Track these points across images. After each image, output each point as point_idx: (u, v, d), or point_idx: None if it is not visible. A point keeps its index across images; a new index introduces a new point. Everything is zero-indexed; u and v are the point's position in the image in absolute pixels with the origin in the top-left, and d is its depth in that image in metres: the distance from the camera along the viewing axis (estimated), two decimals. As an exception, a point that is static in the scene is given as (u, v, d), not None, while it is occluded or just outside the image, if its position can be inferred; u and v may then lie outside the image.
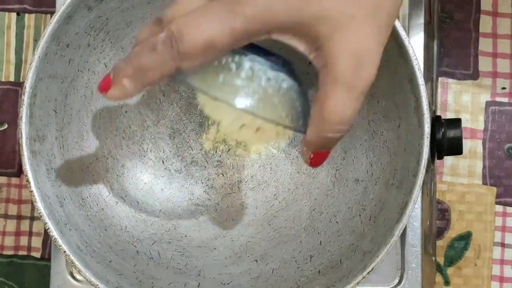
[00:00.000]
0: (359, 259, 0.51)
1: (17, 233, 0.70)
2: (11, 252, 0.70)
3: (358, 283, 0.49)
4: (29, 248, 0.70)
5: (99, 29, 0.54)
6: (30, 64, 0.49)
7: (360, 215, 0.55)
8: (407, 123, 0.51)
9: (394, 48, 0.51)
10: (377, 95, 0.55)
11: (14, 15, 0.71)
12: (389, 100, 0.54)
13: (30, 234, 0.70)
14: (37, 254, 0.70)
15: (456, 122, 0.58)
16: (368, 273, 0.49)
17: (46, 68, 0.51)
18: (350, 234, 0.54)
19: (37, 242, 0.70)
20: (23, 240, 0.70)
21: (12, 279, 0.70)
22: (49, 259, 0.61)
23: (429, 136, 0.49)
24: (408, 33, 0.57)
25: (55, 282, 0.60)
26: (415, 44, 0.57)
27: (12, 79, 0.71)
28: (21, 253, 0.70)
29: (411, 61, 0.50)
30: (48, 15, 0.71)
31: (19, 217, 0.70)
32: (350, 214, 0.56)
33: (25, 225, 0.70)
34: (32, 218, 0.70)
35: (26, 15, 0.71)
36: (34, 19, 0.71)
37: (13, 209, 0.70)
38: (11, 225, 0.70)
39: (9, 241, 0.70)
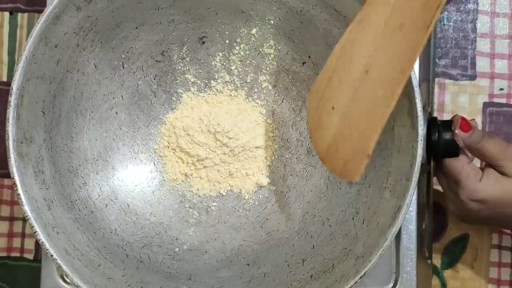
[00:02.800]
0: (351, 263, 0.50)
1: (10, 235, 0.70)
2: (3, 254, 0.70)
3: (350, 288, 0.48)
4: (22, 249, 0.70)
5: (88, 29, 0.53)
6: (17, 65, 0.49)
7: (353, 218, 0.54)
8: (401, 125, 0.51)
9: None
10: (371, 96, 0.54)
11: (7, 14, 0.71)
12: (383, 101, 0.53)
13: (23, 235, 0.70)
14: (30, 256, 0.70)
15: (451, 124, 0.58)
16: (361, 277, 0.48)
17: (33, 69, 0.50)
18: (343, 238, 0.53)
19: (30, 243, 0.70)
20: (16, 242, 0.70)
21: (5, 281, 0.70)
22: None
23: (423, 138, 0.49)
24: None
25: (45, 285, 0.59)
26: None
27: (4, 79, 0.70)
28: (13, 254, 0.70)
29: (404, 62, 0.49)
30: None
31: (11, 219, 0.70)
32: (343, 218, 0.55)
33: (18, 227, 0.70)
34: (25, 220, 0.69)
35: (19, 14, 0.70)
36: (27, 18, 0.70)
37: (5, 210, 0.70)
38: (3, 227, 0.70)
39: (1, 242, 0.70)
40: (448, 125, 0.58)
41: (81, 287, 0.48)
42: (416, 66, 0.53)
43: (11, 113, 0.49)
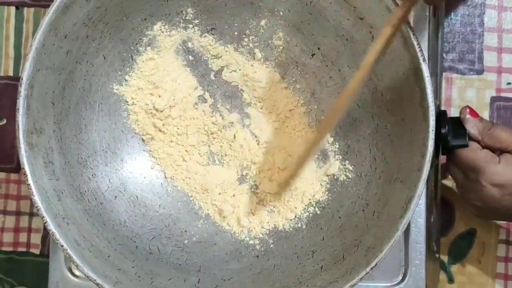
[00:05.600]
0: (362, 254, 0.50)
1: (16, 229, 0.70)
2: (10, 249, 0.70)
3: (361, 279, 0.48)
4: (28, 244, 0.70)
5: (97, 20, 0.53)
6: (27, 55, 0.49)
7: (363, 210, 0.54)
8: (412, 116, 0.51)
9: (399, 39, 0.50)
10: (381, 88, 0.54)
11: (13, 8, 0.70)
12: (393, 93, 0.53)
13: (29, 230, 0.70)
14: (36, 251, 0.69)
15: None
16: (372, 268, 0.48)
17: (43, 60, 0.50)
18: (353, 230, 0.53)
19: (36, 238, 0.69)
20: (22, 237, 0.70)
21: (11, 275, 0.70)
22: (48, 256, 0.60)
23: (434, 129, 0.49)
24: (412, 26, 0.56)
25: (53, 278, 0.59)
26: (420, 37, 0.56)
27: (11, 73, 0.70)
28: (20, 249, 0.70)
29: (416, 53, 0.49)
30: (47, 9, 0.70)
31: (18, 213, 0.70)
32: (353, 209, 0.55)
33: (24, 221, 0.70)
34: (31, 214, 0.70)
35: (25, 8, 0.70)
36: (33, 13, 0.70)
37: (12, 205, 0.70)
38: (10, 221, 0.70)
39: (8, 237, 0.70)
40: (456, 120, 0.58)
41: (91, 278, 0.48)
42: (426, 59, 0.53)
43: (21, 103, 0.49)
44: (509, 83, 0.68)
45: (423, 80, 0.49)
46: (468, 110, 0.57)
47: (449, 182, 0.68)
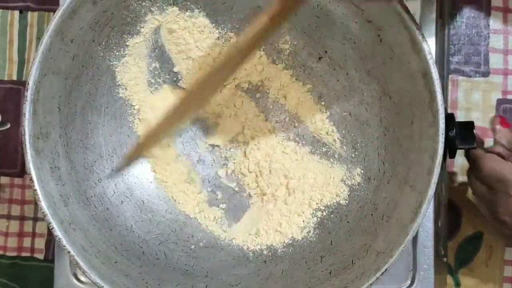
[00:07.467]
0: (372, 259, 0.50)
1: (20, 234, 0.69)
2: (14, 254, 0.69)
3: (371, 284, 0.48)
4: (32, 249, 0.69)
5: (104, 24, 0.53)
6: (34, 60, 0.49)
7: (372, 214, 0.53)
8: (421, 119, 0.50)
9: (407, 43, 0.50)
10: (389, 91, 0.54)
11: (16, 13, 0.70)
12: (402, 96, 0.53)
13: (34, 235, 0.69)
14: (41, 256, 0.69)
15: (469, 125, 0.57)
16: (382, 274, 0.48)
17: (49, 64, 0.50)
18: (362, 234, 0.53)
19: (40, 243, 0.69)
20: (26, 241, 0.69)
21: (15, 280, 0.69)
22: (52, 261, 0.60)
23: (444, 132, 0.48)
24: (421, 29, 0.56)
25: (58, 284, 0.59)
26: (427, 39, 0.56)
27: (14, 77, 0.70)
28: (24, 254, 0.69)
29: (425, 56, 0.49)
30: (51, 13, 0.70)
31: (22, 218, 0.70)
32: (361, 214, 0.54)
33: (28, 226, 0.69)
34: (36, 219, 0.69)
35: (29, 13, 0.70)
36: (37, 17, 0.70)
37: (16, 210, 0.70)
38: (14, 226, 0.69)
39: (12, 242, 0.69)
40: (464, 123, 0.57)
41: (98, 284, 0.48)
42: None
43: (27, 108, 0.49)
44: (515, 85, 0.68)
45: (432, 84, 0.49)
46: (499, 119, 0.55)
47: (455, 185, 0.67)
